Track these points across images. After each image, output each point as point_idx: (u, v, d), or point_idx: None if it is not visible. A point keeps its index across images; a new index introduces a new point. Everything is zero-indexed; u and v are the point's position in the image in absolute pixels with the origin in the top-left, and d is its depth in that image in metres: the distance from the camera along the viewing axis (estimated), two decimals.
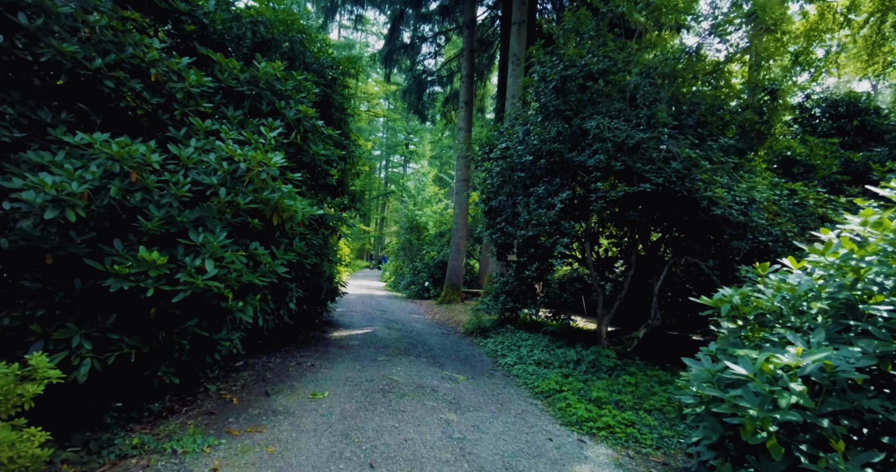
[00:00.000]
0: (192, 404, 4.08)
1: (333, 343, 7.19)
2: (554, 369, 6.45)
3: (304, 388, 4.66)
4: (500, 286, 9.70)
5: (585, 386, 5.59)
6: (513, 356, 7.23)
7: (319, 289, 6.86)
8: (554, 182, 6.90)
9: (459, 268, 15.53)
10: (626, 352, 6.73)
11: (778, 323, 2.64)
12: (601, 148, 6.35)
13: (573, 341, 7.83)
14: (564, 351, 7.11)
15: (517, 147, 7.36)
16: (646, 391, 5.27)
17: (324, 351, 6.51)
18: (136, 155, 3.16)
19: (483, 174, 8.44)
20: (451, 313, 12.75)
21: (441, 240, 21.15)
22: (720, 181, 5.71)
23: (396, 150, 45.99)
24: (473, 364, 6.68)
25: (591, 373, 6.18)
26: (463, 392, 5.07)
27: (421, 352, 7.07)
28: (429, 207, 25.50)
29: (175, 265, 3.25)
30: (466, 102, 16.47)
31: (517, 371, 6.43)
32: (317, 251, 6.21)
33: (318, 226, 6.39)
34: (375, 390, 4.74)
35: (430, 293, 17.51)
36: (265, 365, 5.44)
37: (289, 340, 6.98)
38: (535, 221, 6.77)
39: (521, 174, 7.20)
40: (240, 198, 3.60)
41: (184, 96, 4.02)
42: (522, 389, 5.64)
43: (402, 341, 7.96)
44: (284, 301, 5.54)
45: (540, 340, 8.02)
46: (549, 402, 5.16)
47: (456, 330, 10.02)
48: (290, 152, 5.29)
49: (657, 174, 6.00)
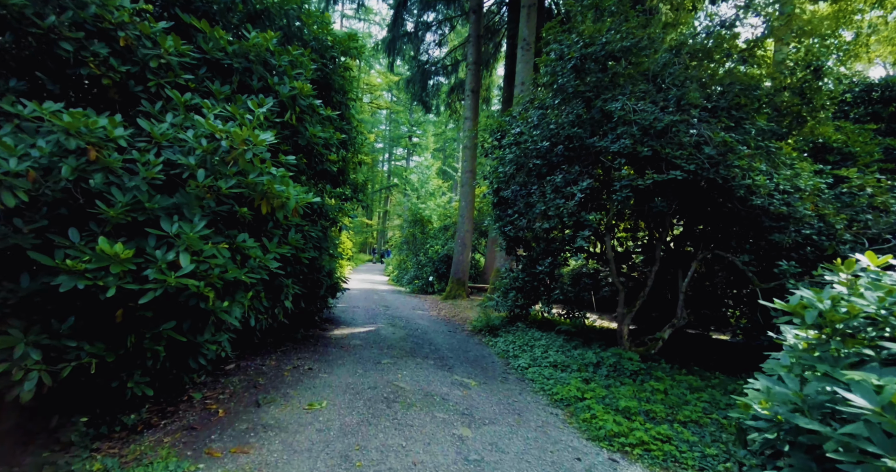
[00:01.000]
0: (172, 416, 3.60)
1: (334, 343, 6.71)
2: (572, 372, 5.96)
3: (299, 397, 4.17)
4: (510, 282, 9.21)
5: (609, 393, 5.09)
6: (526, 358, 6.74)
7: (319, 285, 6.37)
8: (573, 170, 6.36)
9: (465, 262, 15.03)
10: (650, 354, 6.22)
11: (884, 334, 2.14)
12: (626, 132, 5.80)
13: (589, 341, 7.34)
14: (582, 353, 6.61)
15: (532, 132, 6.81)
16: (677, 400, 4.77)
17: (323, 352, 6.03)
18: (94, 128, 2.64)
19: (493, 163, 7.90)
20: (457, 309, 12.28)
21: (445, 234, 20.64)
22: (759, 168, 5.16)
23: (399, 142, 45.37)
24: (484, 367, 6.19)
25: (613, 377, 5.68)
26: (476, 401, 4.59)
27: (428, 353, 6.59)
28: (432, 201, 24.97)
29: (144, 260, 2.76)
30: (473, 90, 15.87)
31: (532, 375, 5.94)
32: (315, 244, 5.71)
33: (316, 217, 5.88)
34: (379, 399, 4.25)
35: (434, 288, 17.05)
36: (258, 369, 4.96)
37: (286, 339, 6.51)
38: (552, 213, 6.24)
39: (537, 162, 6.66)
40: (221, 182, 3.09)
41: (159, 66, 3.49)
42: (540, 396, 5.15)
43: (407, 340, 7.48)
44: (279, 299, 5.05)
45: (554, 339, 7.53)
46: (570, 411, 4.67)
47: (463, 328, 9.53)
48: (285, 134, 4.78)
49: (688, 161, 5.46)
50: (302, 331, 7.01)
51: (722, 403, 4.69)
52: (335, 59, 6.73)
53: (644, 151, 5.61)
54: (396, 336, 7.71)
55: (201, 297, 3.05)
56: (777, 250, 5.68)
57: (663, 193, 5.99)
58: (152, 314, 2.97)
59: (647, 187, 5.60)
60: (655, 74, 6.34)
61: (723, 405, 4.66)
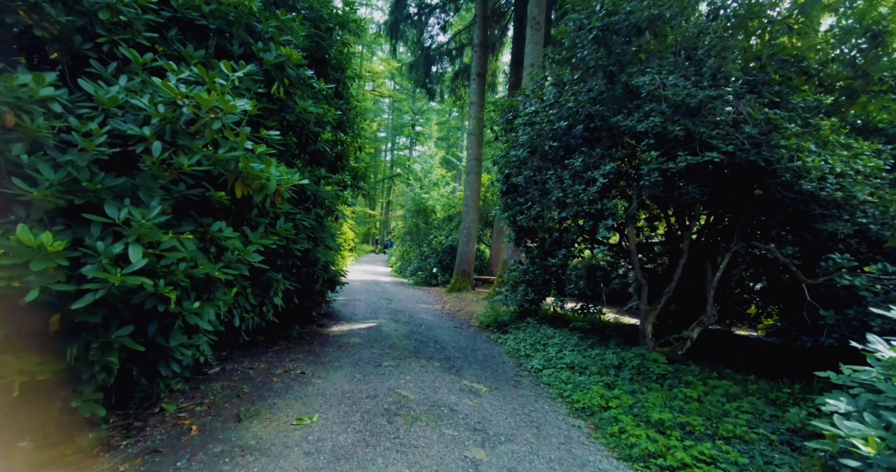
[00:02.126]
0: (138, 433, 3.09)
1: (332, 342, 6.19)
2: (592, 375, 5.42)
3: (287, 408, 3.65)
4: (520, 275, 8.65)
5: (636, 401, 4.56)
6: (539, 358, 6.21)
7: (314, 279, 5.83)
8: (593, 153, 5.75)
9: (470, 253, 14.48)
10: (678, 356, 5.67)
11: None
12: (655, 110, 5.19)
13: (605, 339, 6.81)
14: (600, 353, 6.08)
15: (548, 111, 6.19)
16: (716, 410, 4.22)
17: (319, 352, 5.52)
18: (12, 86, 2.08)
19: (504, 147, 7.29)
20: (463, 302, 11.76)
21: (450, 224, 20.07)
22: (809, 148, 4.55)
23: (402, 131, 44.60)
24: (495, 369, 5.67)
25: (637, 382, 5.14)
26: (488, 411, 4.06)
27: (433, 353, 6.06)
28: (436, 191, 24.38)
29: (82, 254, 2.21)
30: (479, 74, 15.18)
31: (548, 378, 5.41)
32: (309, 235, 5.16)
33: (310, 205, 5.32)
34: (379, 411, 3.72)
35: (438, 280, 16.53)
36: (245, 373, 4.44)
37: (280, 337, 5.99)
38: (569, 200, 5.66)
39: (553, 144, 6.05)
40: (183, 157, 2.52)
41: (114, 21, 2.91)
42: (558, 404, 4.62)
43: (411, 337, 6.95)
44: (268, 295, 4.52)
45: (568, 337, 7.00)
46: (595, 423, 4.13)
47: (469, 323, 9.01)
48: (271, 108, 4.20)
49: (726, 141, 4.86)
50: (298, 328, 6.50)
51: (766, 414, 4.15)
52: (331, 31, 6.10)
53: (675, 130, 5.01)
54: (399, 333, 7.19)
55: (161, 298, 2.51)
56: (822, 242, 5.09)
57: (695, 177, 5.38)
58: (100, 320, 2.43)
59: (679, 171, 5.01)
60: (687, 45, 5.69)
61: (767, 416, 4.11)
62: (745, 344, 7.68)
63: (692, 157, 4.88)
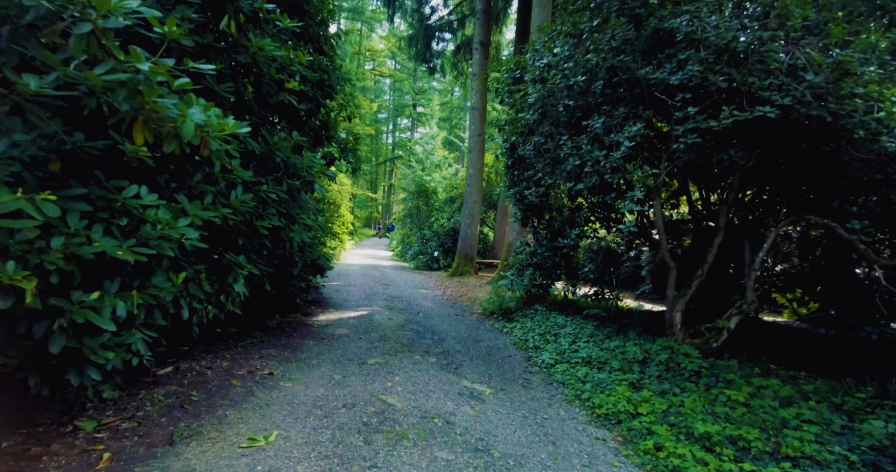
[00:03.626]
0: (32, 467, 2.34)
1: (314, 333, 5.45)
2: (613, 372, 4.67)
3: (240, 423, 2.90)
4: (527, 258, 7.87)
5: (669, 404, 3.80)
6: (551, 351, 5.45)
7: (290, 262, 5.05)
8: (616, 113, 4.87)
9: (472, 236, 13.67)
10: (712, 348, 4.89)
11: None
12: (693, 57, 4.30)
13: (623, 328, 6.05)
14: (620, 344, 5.31)
15: (562, 65, 5.29)
16: (771, 419, 3.45)
17: (297, 346, 4.78)
18: None
19: (510, 112, 6.40)
20: (465, 287, 11.02)
21: (451, 206, 19.22)
22: (893, 98, 3.67)
23: (403, 112, 43.37)
24: (500, 364, 4.92)
25: (668, 381, 4.38)
26: (493, 422, 3.30)
27: (429, 346, 5.31)
28: (438, 173, 23.46)
29: None
30: (482, 42, 14.15)
31: (562, 376, 4.66)
32: (279, 210, 4.35)
33: (281, 175, 4.50)
34: (355, 426, 2.96)
35: (439, 264, 15.79)
36: (201, 374, 3.70)
37: (255, 328, 5.26)
38: (588, 169, 4.81)
39: (569, 103, 5.17)
40: (30, 77, 1.70)
41: None
42: (576, 408, 3.87)
43: (406, 327, 6.21)
44: (227, 282, 3.74)
45: (581, 326, 6.24)
46: (623, 435, 3.38)
47: (472, 310, 8.26)
48: (218, 47, 3.34)
49: (781, 92, 3.97)
50: (278, 317, 5.76)
51: (835, 425, 3.37)
52: None
53: (717, 81, 4.13)
54: (393, 323, 6.44)
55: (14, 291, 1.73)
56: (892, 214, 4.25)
57: (739, 139, 4.52)
58: None
59: (720, 132, 4.14)
60: None
61: (837, 428, 3.34)
62: (779, 333, 6.90)
63: (739, 113, 4.01)
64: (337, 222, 18.15)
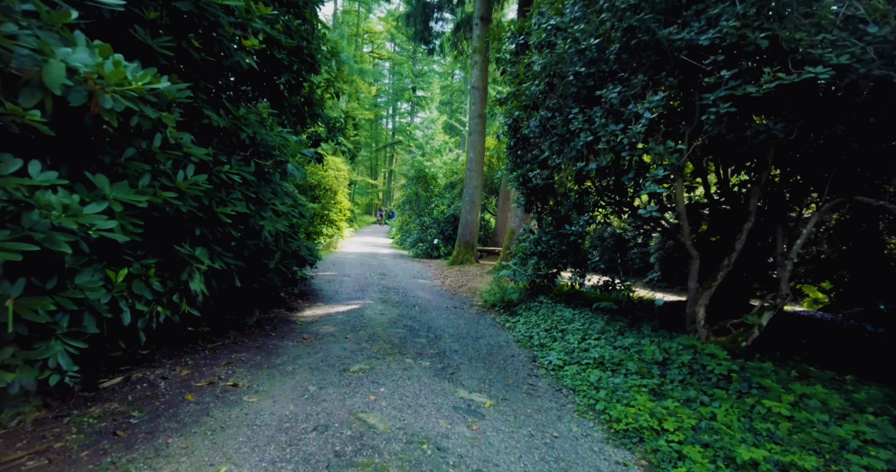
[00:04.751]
0: None
1: (297, 331, 4.93)
2: (629, 375, 4.13)
3: (182, 456, 2.37)
4: (531, 246, 7.30)
5: (699, 417, 3.27)
6: (558, 350, 4.93)
7: (265, 254, 4.50)
8: (634, 80, 4.24)
9: (473, 223, 13.09)
10: (741, 348, 4.34)
11: None
12: (726, 12, 3.65)
13: (637, 323, 5.51)
14: (635, 342, 4.78)
15: (572, 28, 4.62)
16: (826, 438, 2.91)
17: (273, 349, 4.25)
18: None
19: (513, 83, 5.75)
20: (465, 276, 10.48)
21: (452, 191, 18.60)
22: None
23: (403, 95, 42.35)
24: (503, 367, 4.39)
25: (693, 386, 3.85)
26: (494, 446, 2.77)
27: (423, 346, 4.78)
28: (438, 158, 22.79)
29: None
30: (482, 17, 13.34)
31: (572, 380, 4.13)
32: (246, 194, 3.78)
33: (249, 154, 3.91)
34: (325, 457, 2.42)
35: (439, 252, 15.25)
36: (153, 385, 3.18)
37: (231, 326, 4.74)
38: (602, 146, 4.19)
39: (581, 70, 4.52)
40: None
41: None
42: (590, 421, 3.34)
43: (399, 323, 5.68)
44: (180, 279, 3.19)
45: (590, 320, 5.71)
46: (648, 458, 2.85)
47: (472, 302, 7.74)
48: None
49: (836, 50, 3.34)
50: (258, 314, 5.24)
51: None
52: None
53: (757, 39, 3.49)
54: (385, 318, 5.92)
55: None
56: None
57: (779, 108, 3.89)
58: None
59: (764, 96, 3.52)
60: None
61: None
62: (804, 325, 6.35)
63: (785, 75, 3.38)
64: (334, 209, 17.57)
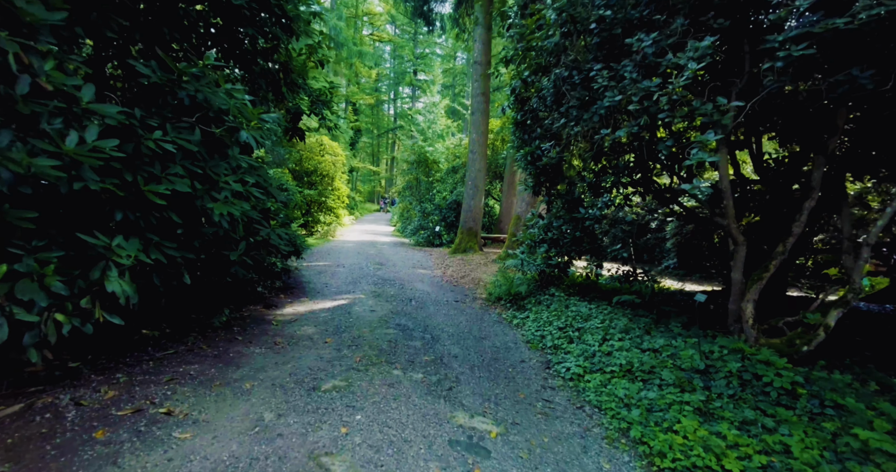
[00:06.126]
0: None
1: (270, 333, 4.22)
2: (665, 387, 3.39)
3: None
4: (540, 232, 6.54)
5: (763, 446, 2.53)
6: (576, 354, 4.19)
7: (225, 243, 3.74)
8: (672, 25, 3.40)
9: (477, 209, 12.29)
10: (802, 352, 3.57)
11: None
12: None
13: (664, 319, 4.78)
14: (667, 344, 4.03)
15: None
16: None
17: (234, 357, 3.53)
18: None
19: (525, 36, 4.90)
20: (468, 265, 9.74)
21: (454, 176, 17.76)
22: None
23: (404, 79, 41.17)
24: (511, 376, 3.66)
25: (746, 403, 3.10)
26: None
27: (417, 352, 4.05)
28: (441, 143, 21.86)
29: None
30: None
31: (595, 394, 3.40)
32: (190, 170, 3.01)
33: (195, 119, 3.12)
34: None
35: (441, 240, 14.50)
36: (59, 414, 2.46)
37: (192, 327, 4.03)
38: (635, 107, 3.37)
39: (606, 13, 3.68)
40: None
41: None
42: (624, 454, 2.61)
43: (391, 322, 4.96)
44: (89, 279, 2.45)
45: (611, 317, 4.96)
46: None
47: (475, 295, 7.00)
48: None
49: None
50: (227, 312, 4.52)
51: None
52: None
53: None
54: (376, 315, 5.19)
55: None
56: None
57: (864, 53, 3.05)
58: None
59: (856, 31, 2.68)
60: None
61: None
62: (853, 318, 5.55)
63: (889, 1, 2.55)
64: (331, 196, 16.81)
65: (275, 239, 4.19)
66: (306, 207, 15.49)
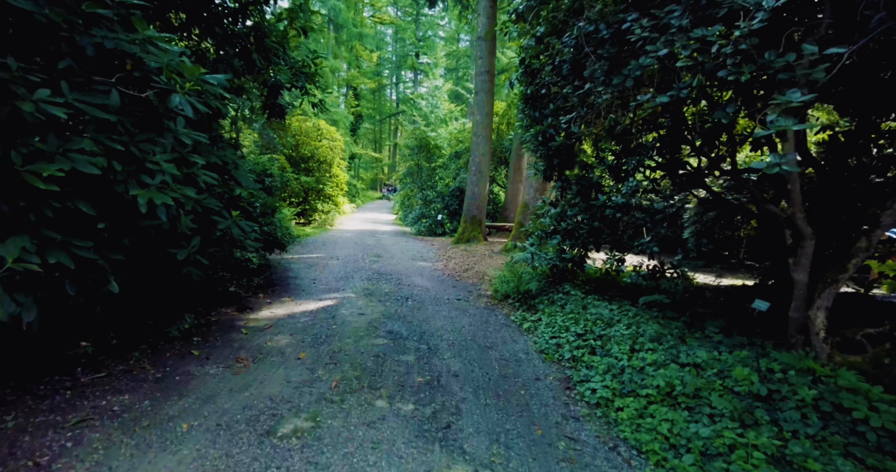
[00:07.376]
0: None
1: (233, 346, 3.53)
2: (718, 420, 2.68)
3: None
4: (552, 222, 5.80)
5: None
6: (601, 370, 3.48)
7: (172, 240, 3.02)
8: None
9: (481, 196, 11.51)
10: (888, 371, 2.84)
11: None
12: None
13: (698, 322, 4.06)
14: (712, 358, 3.33)
15: None
16: None
17: (178, 384, 2.85)
18: None
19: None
20: (472, 257, 9.01)
21: (457, 162, 16.91)
22: None
23: (406, 62, 39.98)
24: (525, 402, 2.96)
25: (832, 445, 2.39)
26: None
27: (409, 370, 3.35)
28: (444, 128, 20.94)
29: None
30: None
31: (631, 428, 2.69)
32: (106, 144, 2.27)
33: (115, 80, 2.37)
34: None
35: (444, 229, 13.78)
36: None
37: (145, 337, 3.35)
38: (685, 62, 2.59)
39: None
40: None
41: None
42: None
43: (381, 328, 4.26)
44: None
45: (637, 321, 4.25)
46: None
47: (479, 291, 6.30)
48: None
49: None
50: (190, 319, 3.84)
51: None
52: None
53: None
54: (365, 319, 4.50)
55: None
56: None
57: None
58: None
59: None
60: None
61: None
62: None
63: None
64: (329, 183, 16.06)
65: (236, 232, 3.46)
66: (303, 195, 14.78)
